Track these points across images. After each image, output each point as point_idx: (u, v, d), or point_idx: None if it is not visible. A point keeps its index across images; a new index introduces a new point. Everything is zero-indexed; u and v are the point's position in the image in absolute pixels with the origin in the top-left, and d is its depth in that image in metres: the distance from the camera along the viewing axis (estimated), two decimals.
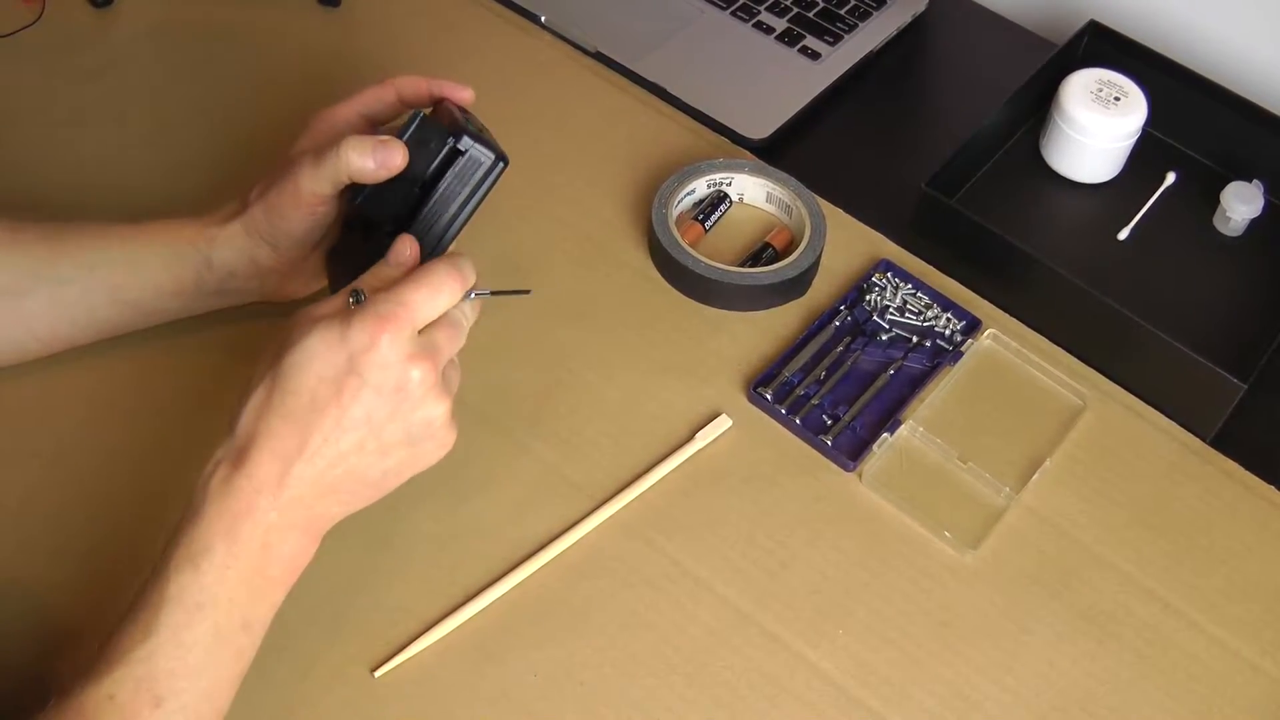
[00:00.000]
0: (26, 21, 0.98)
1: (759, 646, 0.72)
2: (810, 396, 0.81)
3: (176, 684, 0.59)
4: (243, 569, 0.61)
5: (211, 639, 0.60)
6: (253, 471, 0.61)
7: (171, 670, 0.59)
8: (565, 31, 1.02)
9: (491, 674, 0.70)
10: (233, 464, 0.62)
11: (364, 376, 0.62)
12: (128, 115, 0.94)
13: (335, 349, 0.62)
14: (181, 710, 0.59)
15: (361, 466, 0.64)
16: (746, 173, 0.91)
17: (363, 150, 0.69)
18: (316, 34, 1.01)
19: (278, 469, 0.62)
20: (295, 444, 0.62)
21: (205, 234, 0.76)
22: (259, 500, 0.62)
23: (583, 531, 0.75)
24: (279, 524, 0.62)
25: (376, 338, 0.62)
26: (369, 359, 0.62)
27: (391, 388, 0.63)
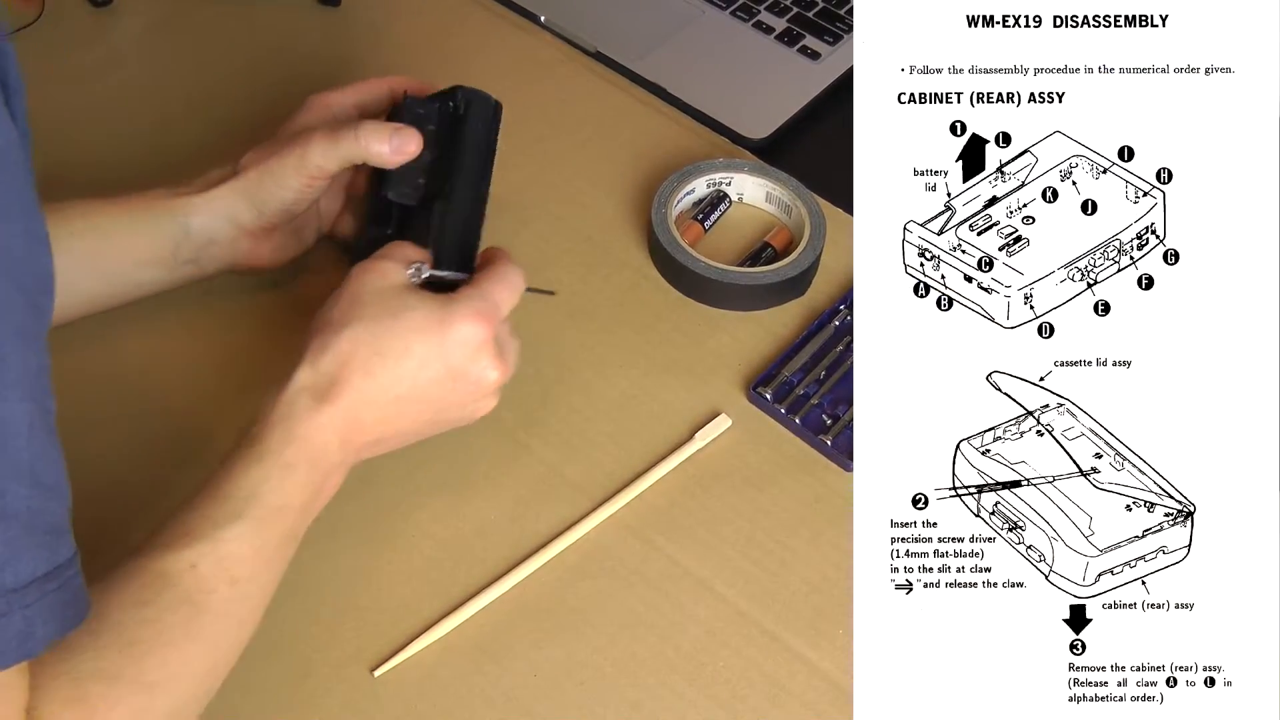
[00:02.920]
0: (26, 21, 0.98)
1: (759, 646, 0.72)
2: (810, 396, 0.81)
3: (249, 570, 0.64)
4: (311, 491, 0.67)
5: (281, 539, 0.65)
6: (335, 413, 0.67)
7: (248, 557, 0.63)
8: (565, 31, 1.02)
9: (491, 674, 0.70)
10: (318, 398, 0.67)
11: (450, 363, 0.69)
12: (128, 114, 0.94)
13: (432, 331, 0.68)
14: (247, 596, 0.64)
15: (411, 433, 0.71)
16: (746, 173, 0.91)
17: (380, 136, 0.75)
18: (316, 34, 1.01)
19: (354, 419, 0.68)
20: (370, 402, 0.68)
21: (185, 202, 0.77)
22: (334, 441, 0.67)
23: (583, 531, 0.75)
24: (339, 465, 0.68)
25: (471, 333, 0.69)
26: (459, 350, 0.69)
27: (472, 380, 0.70)
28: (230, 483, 0.65)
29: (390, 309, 0.69)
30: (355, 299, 0.69)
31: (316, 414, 0.67)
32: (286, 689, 0.69)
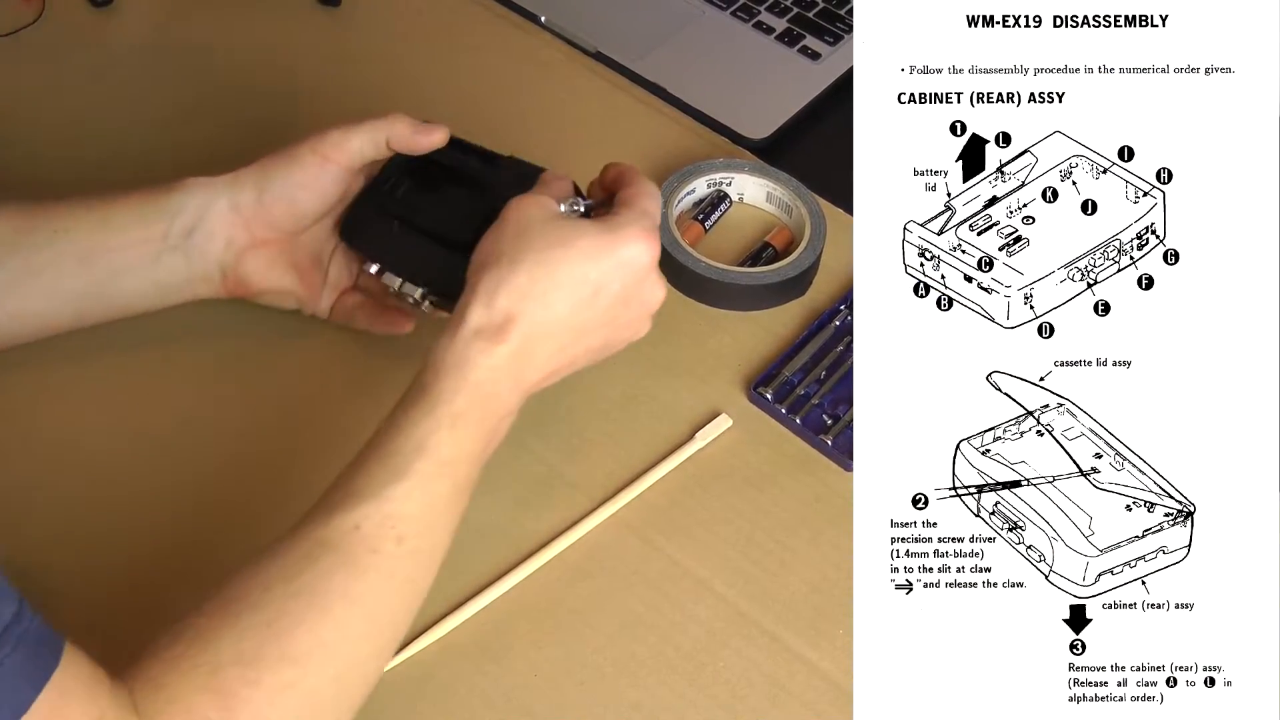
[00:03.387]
0: (26, 21, 0.98)
1: (759, 646, 0.72)
2: (810, 396, 0.81)
3: (417, 527, 0.62)
4: (483, 437, 0.65)
5: (451, 493, 0.64)
6: (509, 353, 0.65)
7: (416, 515, 0.62)
8: (565, 31, 1.02)
9: (491, 674, 0.70)
10: (492, 338, 0.65)
11: (624, 285, 0.68)
12: (128, 115, 0.94)
13: (605, 256, 0.67)
14: (416, 553, 0.62)
15: (582, 361, 0.70)
16: (746, 173, 0.91)
17: (407, 122, 0.74)
18: (316, 34, 1.01)
19: (529, 353, 0.66)
20: (547, 333, 0.67)
21: (182, 182, 0.76)
22: (507, 382, 0.66)
23: (582, 531, 0.75)
24: (512, 408, 0.67)
25: (643, 251, 0.68)
26: (631, 271, 0.68)
27: (641, 300, 0.69)
28: (399, 437, 0.63)
29: (561, 238, 0.67)
30: (521, 232, 0.67)
31: (489, 356, 0.65)
32: None
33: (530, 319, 0.66)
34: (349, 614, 0.60)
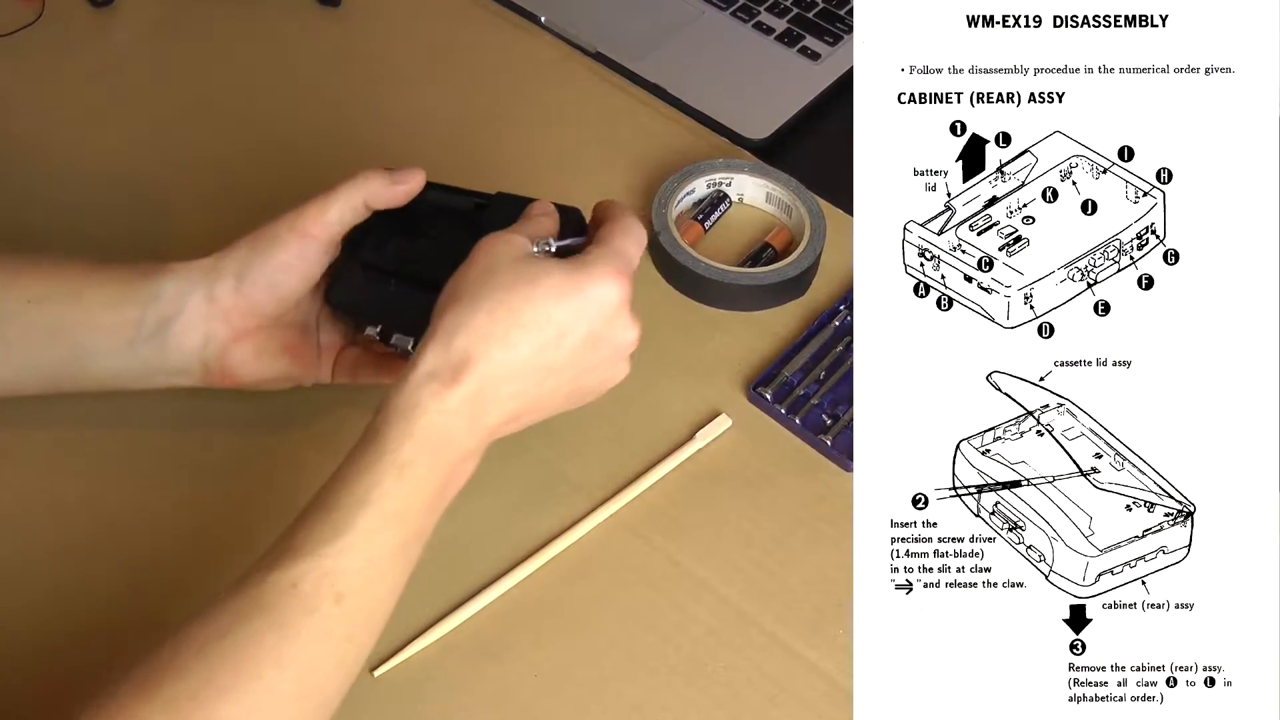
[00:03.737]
0: (26, 21, 0.98)
1: (759, 646, 0.72)
2: (810, 396, 0.81)
3: (357, 583, 0.60)
4: (435, 486, 0.63)
5: (398, 546, 0.62)
6: (465, 396, 0.63)
7: (358, 570, 0.60)
8: (565, 31, 1.02)
9: (491, 674, 0.70)
10: (447, 381, 0.63)
11: (590, 326, 0.66)
12: (128, 115, 0.94)
13: (571, 295, 0.65)
14: (356, 610, 0.60)
15: (548, 407, 0.68)
16: (746, 173, 0.91)
17: (381, 177, 0.71)
18: (316, 34, 1.01)
19: (487, 396, 0.64)
20: (508, 375, 0.64)
21: (161, 267, 0.72)
22: (463, 424, 0.63)
23: (582, 531, 0.75)
24: (472, 450, 0.65)
25: (611, 292, 0.66)
26: (598, 313, 0.66)
27: (612, 343, 0.67)
28: (342, 490, 0.61)
29: (526, 277, 0.65)
30: (486, 271, 0.65)
31: (441, 400, 0.62)
32: None
33: (489, 360, 0.63)
34: (279, 678, 0.57)
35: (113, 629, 0.69)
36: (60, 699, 0.58)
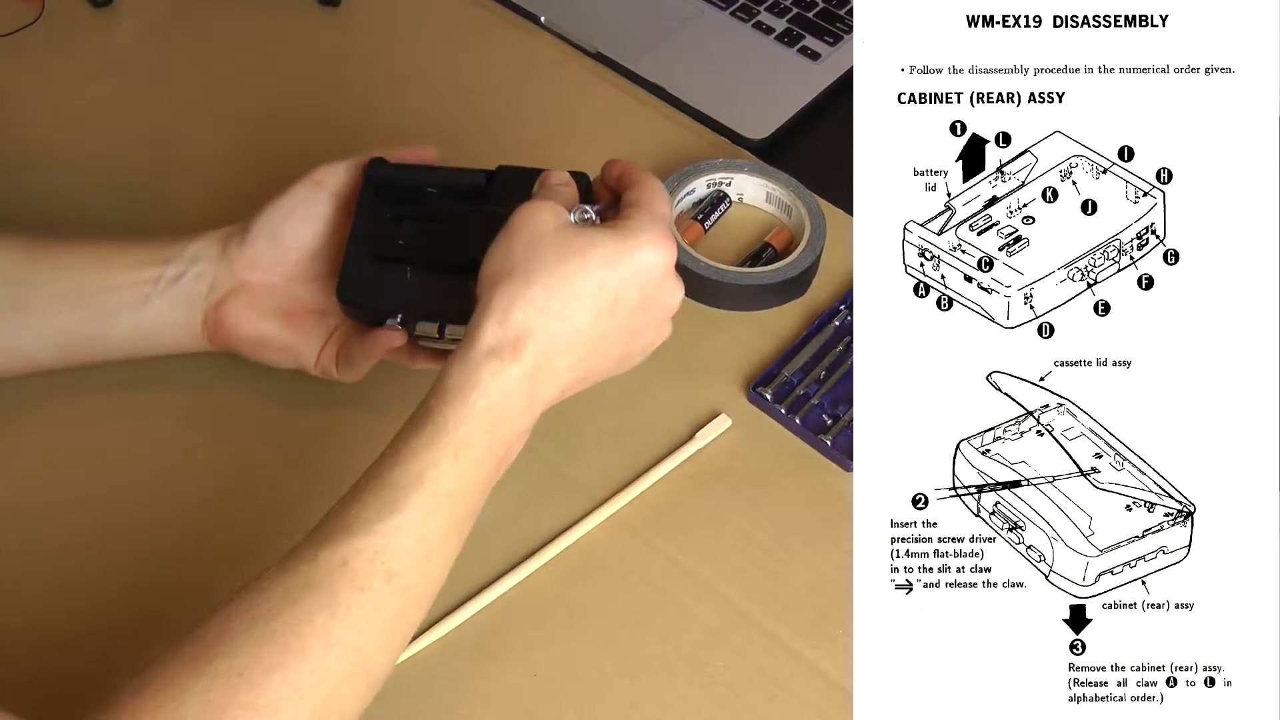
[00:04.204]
0: (26, 21, 0.98)
1: (759, 646, 0.72)
2: (810, 396, 0.81)
3: (409, 562, 0.60)
4: (491, 465, 0.63)
5: (450, 525, 0.62)
6: (524, 371, 0.63)
7: (410, 549, 0.60)
8: (565, 31, 1.02)
9: (491, 674, 0.70)
10: (506, 357, 0.62)
11: (642, 291, 0.66)
12: (128, 115, 0.94)
13: (622, 262, 0.65)
14: (407, 589, 0.60)
15: (601, 373, 0.68)
16: (746, 173, 0.91)
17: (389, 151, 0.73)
18: (316, 34, 1.01)
19: (545, 370, 0.64)
20: (565, 347, 0.64)
21: (194, 233, 0.75)
22: (521, 401, 0.63)
23: (583, 531, 0.75)
24: (525, 428, 0.65)
25: (659, 256, 0.66)
26: (649, 275, 0.66)
27: (659, 305, 0.67)
28: (397, 467, 0.60)
29: (575, 248, 0.64)
30: (532, 242, 0.64)
31: (500, 378, 0.62)
32: None
33: (547, 334, 0.63)
34: (327, 658, 0.57)
35: (114, 629, 0.69)
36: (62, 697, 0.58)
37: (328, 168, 0.74)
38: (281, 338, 0.75)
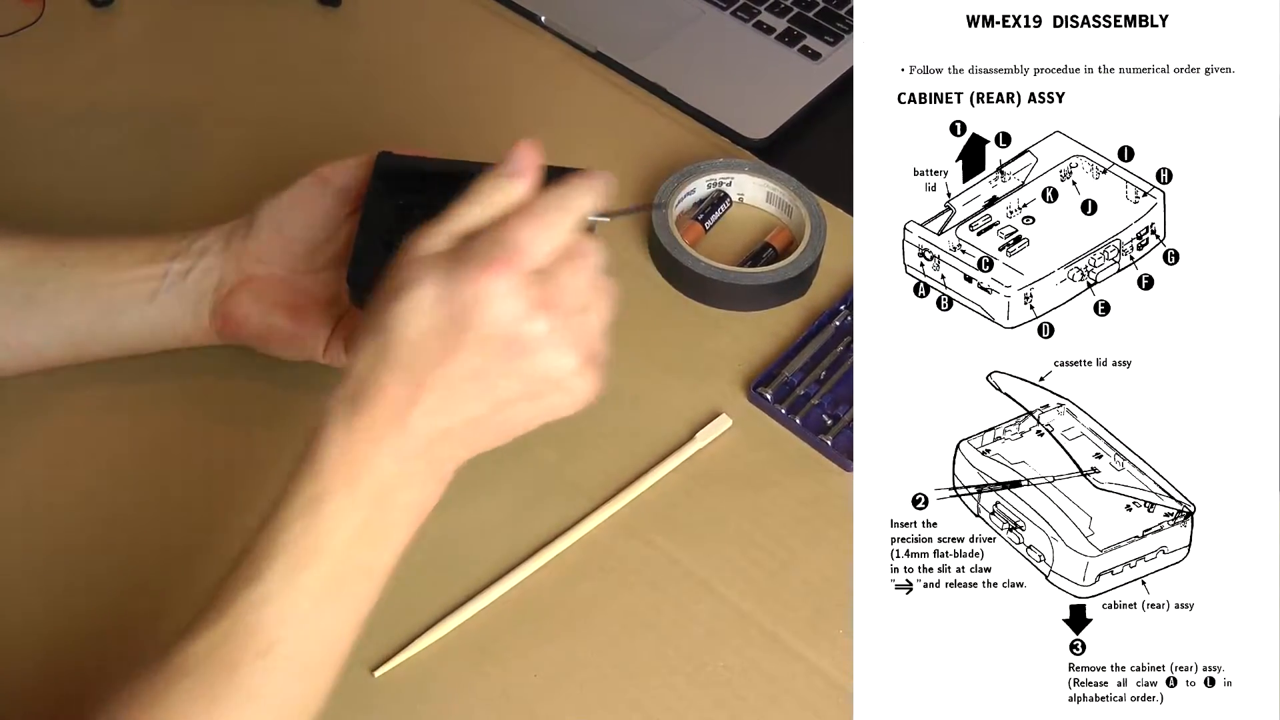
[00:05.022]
0: (26, 21, 0.98)
1: (759, 646, 0.72)
2: (810, 396, 0.81)
3: (285, 631, 0.57)
4: (362, 516, 0.59)
5: (327, 585, 0.59)
6: (369, 421, 0.59)
7: (280, 619, 0.57)
8: (565, 31, 1.02)
9: (491, 674, 0.70)
10: (349, 411, 0.59)
11: (473, 330, 0.58)
12: (128, 115, 0.94)
13: (442, 301, 0.58)
14: (289, 658, 0.58)
15: (480, 417, 0.61)
16: (746, 173, 0.91)
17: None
18: (316, 34, 1.01)
19: (393, 419, 0.59)
20: (408, 395, 0.59)
21: (201, 228, 0.75)
22: (377, 449, 0.59)
23: (583, 531, 0.75)
24: (399, 473, 0.60)
25: (484, 288, 0.58)
26: (477, 312, 0.58)
27: (503, 342, 0.59)
28: (261, 535, 0.58)
29: (400, 285, 0.59)
30: (384, 281, 0.61)
31: (348, 430, 0.59)
32: None
33: (382, 383, 0.59)
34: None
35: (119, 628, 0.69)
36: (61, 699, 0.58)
37: (333, 165, 0.74)
38: (288, 330, 0.75)
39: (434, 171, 0.73)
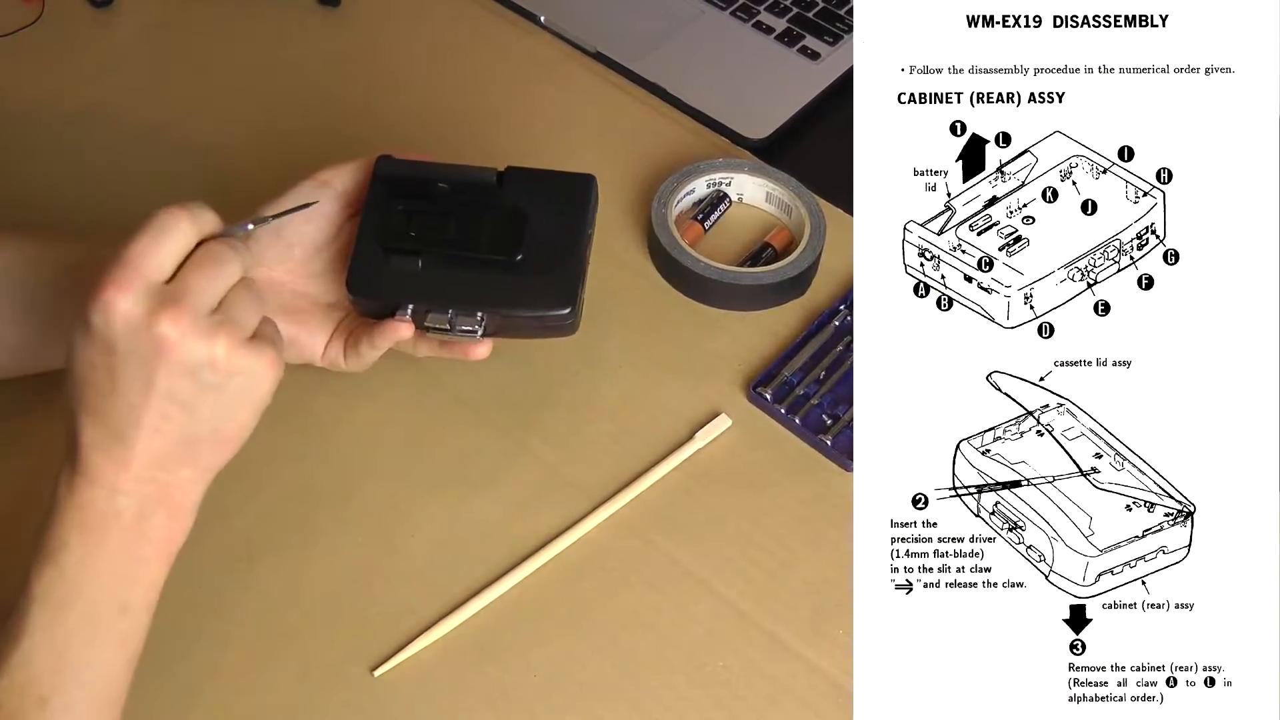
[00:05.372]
0: (26, 21, 0.98)
1: (759, 646, 0.72)
2: (810, 396, 0.81)
3: (59, 680, 0.59)
4: (105, 556, 0.61)
5: (86, 630, 0.60)
6: (83, 468, 0.61)
7: (51, 668, 0.59)
8: (565, 31, 1.02)
9: (491, 674, 0.70)
10: (68, 462, 0.62)
11: (116, 348, 0.60)
12: (128, 115, 0.94)
13: (85, 335, 0.60)
14: (68, 706, 0.60)
15: (181, 429, 0.62)
16: (746, 173, 0.91)
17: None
18: (316, 34, 1.01)
19: (102, 459, 0.61)
20: (104, 433, 0.61)
21: None
22: (98, 492, 0.61)
23: (582, 531, 0.75)
24: (131, 507, 0.61)
25: (107, 307, 0.59)
26: (111, 330, 0.60)
27: (149, 351, 0.60)
28: (20, 595, 0.60)
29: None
30: None
31: (69, 483, 0.61)
32: (286, 689, 0.69)
33: (81, 428, 0.61)
34: None
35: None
36: None
37: (332, 169, 0.74)
38: (287, 334, 0.74)
39: (433, 176, 0.73)
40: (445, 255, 0.72)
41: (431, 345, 0.75)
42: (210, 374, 0.61)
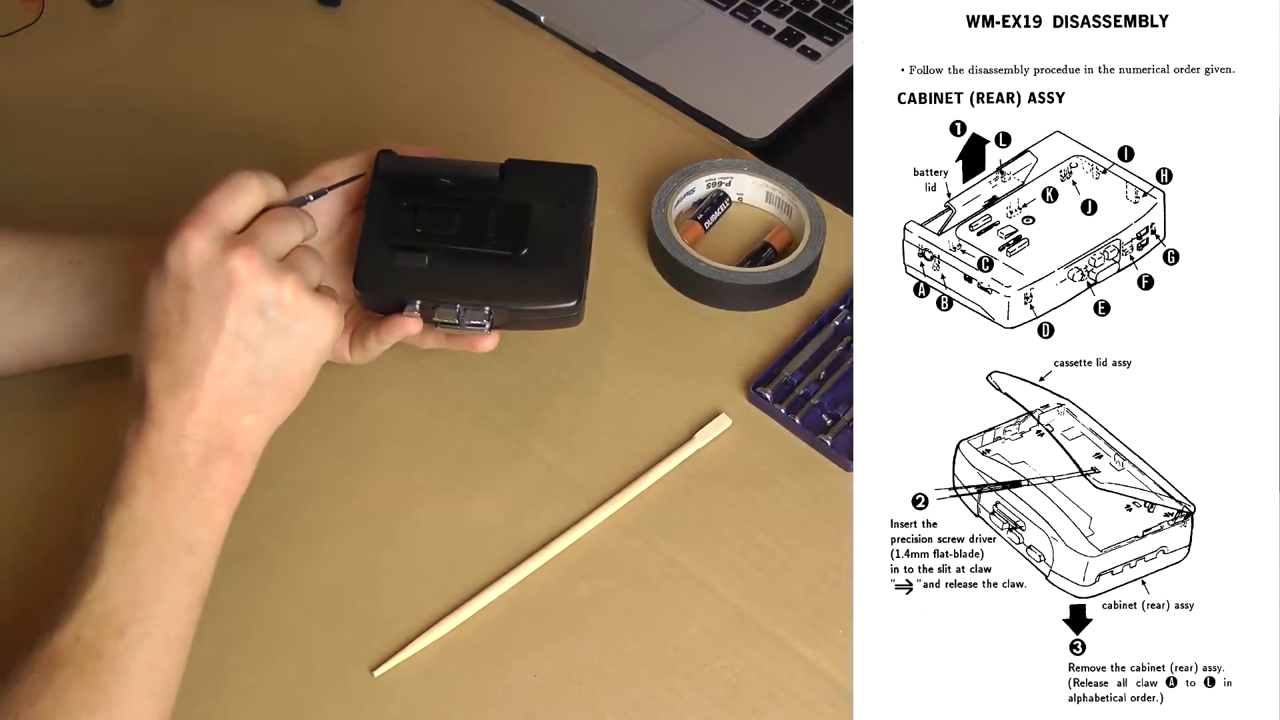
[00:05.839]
0: (26, 21, 0.98)
1: (759, 646, 0.72)
2: (810, 396, 0.81)
3: (136, 612, 0.62)
4: (173, 497, 0.64)
5: (157, 566, 0.63)
6: (152, 414, 0.64)
7: (128, 601, 0.62)
8: (565, 31, 1.02)
9: (491, 674, 0.70)
10: (136, 411, 0.65)
11: (191, 284, 0.64)
12: (128, 115, 0.94)
13: (162, 278, 0.64)
14: (146, 636, 0.62)
15: (246, 372, 0.65)
16: (746, 172, 0.91)
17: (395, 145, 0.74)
18: (316, 34, 1.01)
19: (170, 404, 0.64)
20: (172, 376, 0.64)
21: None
22: (166, 436, 0.64)
23: (583, 531, 0.75)
24: (196, 451, 0.65)
25: (185, 244, 0.64)
26: (187, 267, 0.64)
27: (222, 286, 0.64)
28: (90, 531, 0.64)
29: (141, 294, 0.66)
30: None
31: (138, 430, 0.64)
32: (286, 689, 0.69)
33: (151, 374, 0.65)
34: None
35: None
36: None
37: (333, 164, 0.74)
38: None
39: (436, 172, 0.73)
40: (451, 249, 0.72)
41: (438, 338, 0.75)
42: (277, 312, 0.65)
